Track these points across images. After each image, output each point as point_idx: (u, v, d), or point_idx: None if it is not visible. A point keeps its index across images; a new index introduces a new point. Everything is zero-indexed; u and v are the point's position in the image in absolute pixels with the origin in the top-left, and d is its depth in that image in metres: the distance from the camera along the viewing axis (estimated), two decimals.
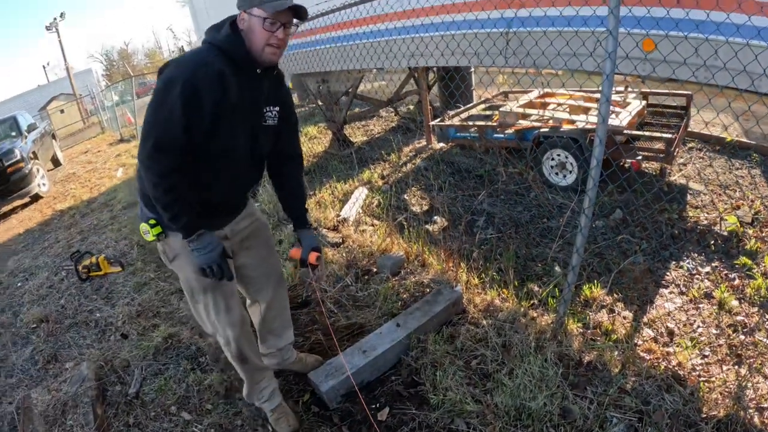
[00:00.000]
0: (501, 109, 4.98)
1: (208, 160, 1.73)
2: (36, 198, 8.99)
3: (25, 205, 9.05)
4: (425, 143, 6.09)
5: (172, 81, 1.59)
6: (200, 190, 1.76)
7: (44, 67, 56.30)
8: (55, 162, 12.27)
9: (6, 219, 8.59)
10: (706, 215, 3.58)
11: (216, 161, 1.75)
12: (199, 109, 1.60)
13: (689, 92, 4.51)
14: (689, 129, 4.74)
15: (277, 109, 1.90)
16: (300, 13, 1.70)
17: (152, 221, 1.83)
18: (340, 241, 3.69)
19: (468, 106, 6.07)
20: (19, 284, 4.96)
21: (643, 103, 4.67)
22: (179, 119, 1.58)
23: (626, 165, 4.18)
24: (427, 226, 3.87)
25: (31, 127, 10.51)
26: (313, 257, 2.05)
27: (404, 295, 2.86)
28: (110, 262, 4.34)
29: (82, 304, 3.96)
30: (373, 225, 3.98)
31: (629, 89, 4.96)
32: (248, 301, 2.31)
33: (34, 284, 4.69)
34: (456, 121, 5.43)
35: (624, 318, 2.59)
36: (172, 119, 1.58)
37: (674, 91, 4.83)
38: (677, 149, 4.09)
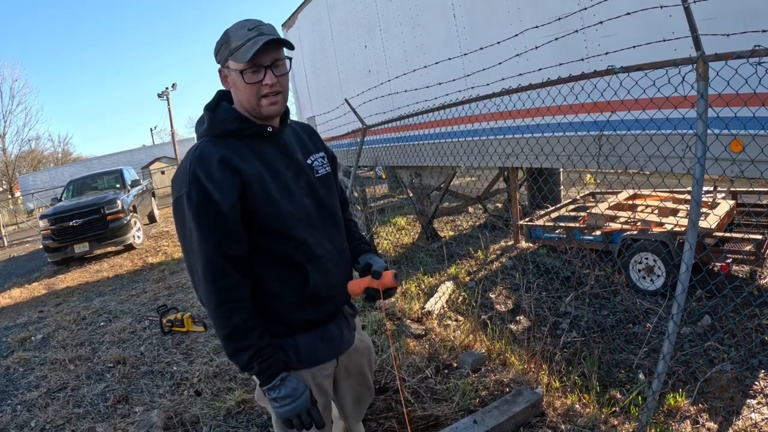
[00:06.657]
0: (589, 211, 4.94)
1: (288, 251, 1.47)
2: (129, 248, 9.76)
3: (117, 252, 9.79)
4: (512, 242, 6.15)
5: (178, 200, 1.41)
6: (299, 295, 1.51)
7: (151, 129, 62.71)
8: (151, 218, 13.34)
9: (98, 261, 9.28)
10: None
11: (296, 247, 1.48)
12: (225, 210, 1.37)
13: None
14: None
15: (322, 154, 1.67)
16: (283, 43, 1.42)
17: None
18: (423, 333, 3.79)
19: (557, 206, 6.13)
20: (102, 323, 5.27)
21: (732, 203, 4.57)
22: (211, 234, 1.37)
23: (715, 269, 4.04)
24: (510, 326, 3.89)
25: (135, 183, 11.56)
26: (389, 277, 1.57)
27: (483, 393, 2.88)
28: (194, 321, 4.54)
29: (161, 354, 4.12)
30: (456, 320, 4.06)
31: (718, 189, 4.86)
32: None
33: (117, 327, 4.97)
34: (544, 221, 5.47)
35: (708, 429, 2.50)
36: (207, 238, 1.38)
37: (763, 189, 4.70)
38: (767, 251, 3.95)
